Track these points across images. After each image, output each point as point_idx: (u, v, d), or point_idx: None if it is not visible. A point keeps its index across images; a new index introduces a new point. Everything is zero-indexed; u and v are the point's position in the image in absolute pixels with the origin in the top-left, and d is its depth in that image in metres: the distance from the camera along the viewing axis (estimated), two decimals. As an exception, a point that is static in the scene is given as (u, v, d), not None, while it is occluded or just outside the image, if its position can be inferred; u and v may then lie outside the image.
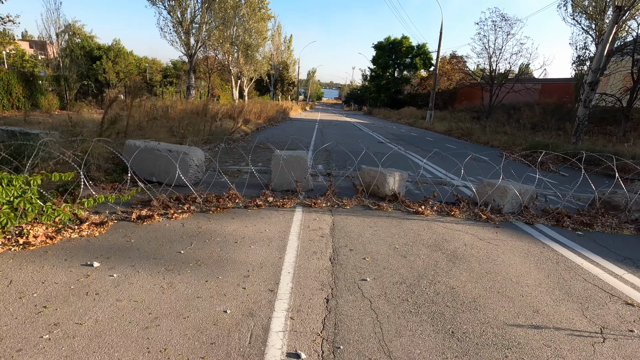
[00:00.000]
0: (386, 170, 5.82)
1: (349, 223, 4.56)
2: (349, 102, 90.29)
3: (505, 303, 2.91)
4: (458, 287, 3.10)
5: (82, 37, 47.47)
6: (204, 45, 23.48)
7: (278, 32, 56.83)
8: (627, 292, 3.29)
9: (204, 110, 13.68)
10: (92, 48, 43.48)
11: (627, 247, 4.51)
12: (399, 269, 3.37)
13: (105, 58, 41.69)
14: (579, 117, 15.13)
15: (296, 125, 22.29)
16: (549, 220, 5.30)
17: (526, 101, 30.02)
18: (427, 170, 9.02)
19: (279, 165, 5.69)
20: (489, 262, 3.70)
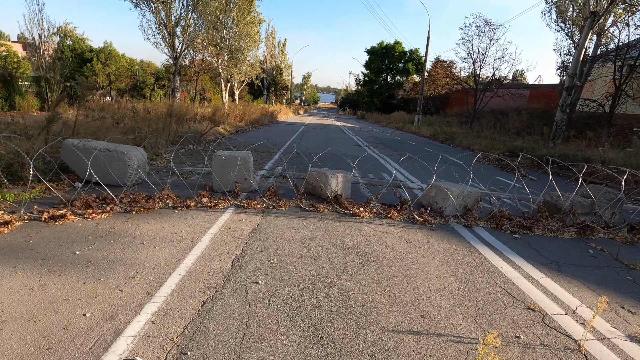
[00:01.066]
0: (329, 171, 5.72)
1: (275, 224, 4.44)
2: (344, 106, 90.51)
3: (396, 308, 2.80)
4: (353, 291, 2.98)
5: (73, 39, 47.43)
6: (188, 47, 23.42)
7: (272, 36, 57.04)
8: (534, 297, 3.19)
9: (179, 112, 13.57)
10: (84, 50, 43.43)
11: (559, 251, 4.42)
12: (300, 271, 3.26)
13: (96, 60, 41.60)
14: (557, 122, 15.14)
15: (280, 128, 22.22)
16: (489, 223, 5.21)
17: (515, 106, 30.12)
18: (390, 172, 8.92)
19: (220, 165, 5.58)
20: (402, 265, 3.59)
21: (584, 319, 2.89)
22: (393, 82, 54.94)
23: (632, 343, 2.62)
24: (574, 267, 3.97)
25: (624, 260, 4.23)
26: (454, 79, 27.31)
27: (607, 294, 3.38)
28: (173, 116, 11.53)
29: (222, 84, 31.75)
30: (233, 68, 30.77)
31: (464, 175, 9.17)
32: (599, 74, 23.11)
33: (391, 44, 53.65)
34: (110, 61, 43.03)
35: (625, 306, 3.18)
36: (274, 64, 57.50)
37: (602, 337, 2.67)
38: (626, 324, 2.88)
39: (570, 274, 3.76)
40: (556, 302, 3.12)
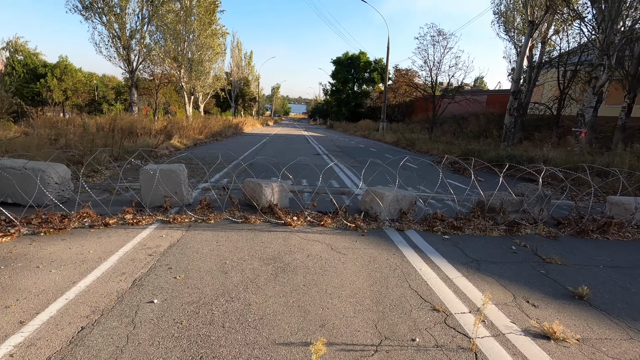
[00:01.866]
0: (263, 181, 5.62)
1: (197, 239, 4.27)
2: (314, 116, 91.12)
3: (296, 319, 2.70)
4: (255, 304, 2.87)
5: (25, 53, 45.16)
6: (145, 60, 22.82)
7: (238, 48, 56.81)
8: (444, 297, 3.19)
9: (129, 126, 13.09)
10: (37, 65, 41.44)
11: (483, 249, 4.51)
12: (205, 287, 3.11)
13: (51, 75, 39.78)
14: (506, 125, 15.85)
15: (243, 140, 21.95)
16: (422, 225, 5.27)
17: (474, 112, 31.37)
18: (341, 180, 8.94)
19: (148, 180, 5.34)
20: (318, 273, 3.52)
21: (487, 317, 2.92)
22: (360, 91, 55.98)
23: (526, 337, 2.66)
24: (493, 264, 4.05)
25: (542, 255, 4.37)
26: (413, 86, 28.15)
27: (517, 289, 3.45)
28: (122, 131, 11.07)
29: (185, 96, 31.16)
30: (195, 80, 30.30)
31: (413, 179, 9.35)
32: (545, 79, 24.56)
33: (356, 55, 54.80)
34: (66, 76, 41.29)
35: (530, 300, 3.25)
36: (241, 75, 57.20)
37: (497, 334, 2.69)
38: (526, 318, 2.93)
39: (487, 272, 3.82)
40: (464, 301, 3.14)
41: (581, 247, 4.81)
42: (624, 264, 4.29)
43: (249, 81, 59.59)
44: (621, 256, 4.54)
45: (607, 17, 10.57)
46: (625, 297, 3.40)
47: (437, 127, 29.53)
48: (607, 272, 4.00)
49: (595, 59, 11.88)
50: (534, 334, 2.70)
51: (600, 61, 11.21)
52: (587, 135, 12.26)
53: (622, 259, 4.43)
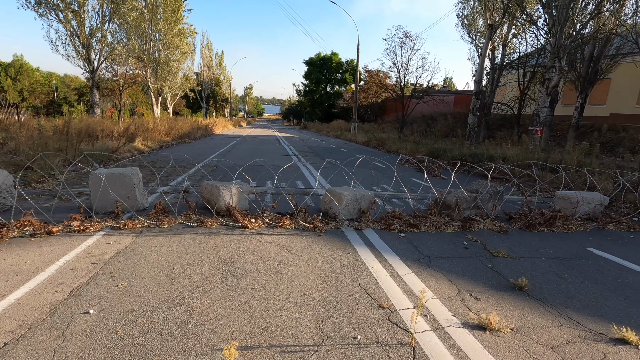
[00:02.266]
0: (221, 183, 5.53)
1: (148, 244, 4.13)
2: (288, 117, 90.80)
3: (239, 323, 2.67)
4: (199, 310, 2.81)
5: (-25, 52, 42.32)
6: (107, 60, 21.90)
7: (209, 48, 55.68)
8: (391, 294, 3.26)
9: (88, 129, 12.52)
10: (-11, 65, 38.96)
11: (436, 245, 4.64)
12: (148, 294, 3.01)
13: (4, 75, 37.51)
14: (469, 124, 16.42)
15: (213, 141, 21.52)
16: (380, 224, 5.35)
17: (443, 112, 32.29)
18: (307, 181, 8.95)
19: (98, 185, 5.12)
20: (268, 275, 3.49)
21: (430, 311, 3.00)
22: (333, 92, 56.32)
23: (464, 329, 2.76)
24: (443, 259, 4.18)
25: (491, 249, 4.55)
26: (382, 87, 28.63)
27: (463, 283, 3.57)
28: (79, 134, 10.56)
29: (153, 97, 30.20)
30: (163, 81, 29.43)
31: (379, 178, 9.51)
32: (506, 80, 25.68)
33: (328, 55, 55.07)
34: (22, 76, 39.08)
35: (473, 293, 3.37)
36: (212, 76, 56.09)
37: (437, 327, 2.77)
38: (466, 310, 3.03)
39: (436, 267, 3.93)
40: (410, 298, 3.22)
41: (528, 240, 5.05)
42: (565, 254, 4.54)
43: (220, 82, 58.50)
44: (563, 247, 4.81)
45: (557, 22, 11.18)
46: (561, 287, 3.60)
47: (407, 127, 30.17)
48: (548, 263, 4.22)
49: (547, 61, 12.54)
50: (472, 326, 2.80)
51: (552, 63, 11.85)
52: (542, 134, 12.91)
53: (564, 250, 4.69)
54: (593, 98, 22.40)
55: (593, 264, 4.25)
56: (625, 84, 20.27)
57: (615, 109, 21.33)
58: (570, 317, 3.02)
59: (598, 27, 15.11)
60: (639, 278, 3.91)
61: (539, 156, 10.39)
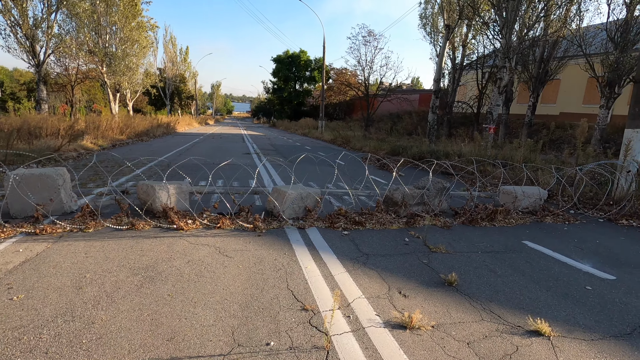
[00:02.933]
0: (157, 183, 5.22)
1: (63, 251, 3.79)
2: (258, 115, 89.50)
3: (143, 335, 2.46)
4: (100, 322, 2.57)
5: None
6: (54, 53, 20.47)
7: (172, 43, 53.70)
8: (318, 295, 3.15)
9: (28, 126, 11.60)
10: None
11: (377, 243, 4.60)
12: (45, 307, 2.72)
13: (-60, 68, 34.24)
14: (430, 122, 16.78)
15: (173, 140, 20.71)
16: (325, 222, 5.26)
17: (408, 110, 32.91)
18: (261, 179, 8.73)
19: (18, 187, 4.67)
20: (191, 280, 3.29)
21: (354, 311, 2.92)
22: (302, 89, 56.05)
23: (385, 329, 2.69)
24: (382, 257, 4.14)
25: (430, 245, 4.57)
26: (347, 85, 28.78)
27: (395, 281, 3.53)
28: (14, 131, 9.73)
29: (110, 94, 28.70)
30: (120, 76, 28.00)
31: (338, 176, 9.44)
32: (466, 79, 26.57)
33: (297, 53, 54.71)
34: (-38, 69, 35.80)
35: (403, 290, 3.34)
36: (176, 72, 54.17)
37: (358, 328, 2.69)
38: (392, 309, 2.98)
39: (372, 265, 3.88)
40: (337, 298, 3.12)
41: (468, 235, 5.14)
42: (500, 248, 4.65)
43: (185, 78, 56.62)
44: (500, 241, 4.93)
45: (507, 23, 11.61)
46: (490, 280, 3.65)
47: (374, 125, 30.53)
48: (482, 257, 4.29)
49: (499, 61, 13.01)
50: (393, 325, 2.74)
51: (503, 63, 12.30)
52: (495, 131, 13.39)
53: (500, 244, 4.81)
54: (545, 97, 23.65)
55: (524, 257, 4.37)
56: (572, 85, 21.52)
57: (564, 108, 22.61)
58: (493, 310, 3.05)
59: (546, 30, 15.92)
60: (563, 269, 4.05)
61: (490, 153, 10.75)
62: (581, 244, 4.97)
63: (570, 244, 4.95)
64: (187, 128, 35.09)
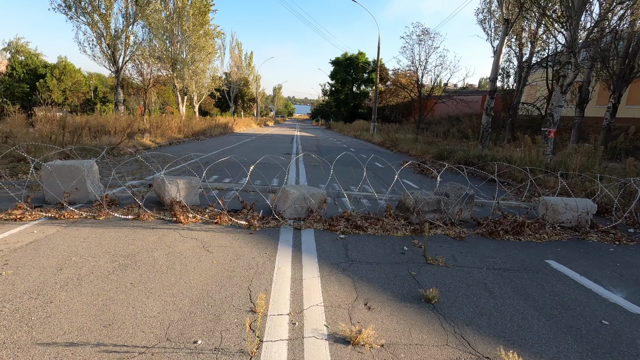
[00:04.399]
0: (167, 178, 5.50)
1: (69, 235, 4.16)
2: (316, 117, 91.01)
3: (85, 319, 2.57)
4: (57, 302, 2.74)
5: (25, 54, 45.98)
6: (130, 60, 22.94)
7: (238, 49, 57.03)
8: (275, 299, 3.03)
9: (94, 124, 13.13)
10: (37, 66, 42.00)
11: (371, 249, 4.32)
12: (20, 284, 2.99)
13: (50, 76, 40.31)
14: (483, 125, 15.49)
15: (226, 140, 21.91)
16: (324, 224, 5.09)
17: (469, 112, 30.92)
18: (287, 178, 8.80)
19: (48, 176, 5.27)
20: (161, 272, 3.38)
21: (304, 318, 2.75)
22: (359, 92, 55.71)
23: (325, 341, 2.49)
24: (367, 265, 3.87)
25: (429, 256, 4.16)
26: (400, 86, 27.83)
27: (368, 291, 3.27)
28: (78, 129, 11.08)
29: (179, 96, 31.40)
30: (189, 80, 30.51)
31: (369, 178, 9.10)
32: (534, 78, 24.11)
33: (355, 55, 54.53)
34: (65, 76, 41.74)
35: (370, 302, 3.07)
36: (241, 76, 57.40)
37: (296, 337, 2.52)
38: (345, 321, 2.75)
39: (351, 273, 3.64)
40: (293, 303, 2.97)
41: (481, 248, 4.59)
42: (513, 266, 4.07)
43: (248, 81, 59.78)
44: (517, 258, 4.32)
45: (571, 12, 10.24)
46: (480, 301, 3.19)
47: (430, 128, 29.21)
48: (485, 274, 3.79)
49: (563, 57, 11.54)
50: (337, 338, 2.52)
51: (568, 59, 10.87)
52: (555, 135, 11.89)
53: (516, 261, 4.21)
54: (631, 98, 20.48)
55: (539, 278, 3.76)
56: (668, 83, 18.32)
57: (656, 110, 19.38)
58: (464, 335, 2.65)
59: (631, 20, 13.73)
60: (582, 297, 3.40)
61: (542, 159, 9.54)
62: (623, 269, 4.14)
63: (608, 268, 4.15)
64: (244, 129, 36.90)
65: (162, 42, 27.38)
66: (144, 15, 22.71)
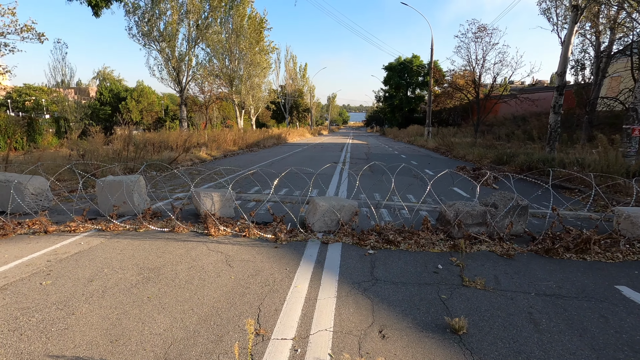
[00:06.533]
0: (202, 191, 5.69)
1: (109, 247, 4.46)
2: (371, 123, 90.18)
3: (96, 332, 2.66)
4: (77, 315, 2.89)
5: (110, 81, 52.34)
6: (192, 80, 24.83)
7: (293, 61, 58.94)
8: (284, 320, 2.88)
9: (155, 140, 14.33)
10: (120, 90, 47.59)
11: (401, 267, 3.97)
12: (54, 294, 3.22)
13: (130, 98, 45.32)
14: (551, 125, 13.91)
15: (278, 150, 22.53)
16: (354, 238, 4.84)
17: (537, 111, 28.20)
18: (327, 189, 8.67)
19: (102, 191, 5.77)
20: (180, 286, 3.43)
21: (309, 345, 2.56)
22: (414, 96, 54.04)
23: (325, 374, 2.27)
24: (392, 285, 3.55)
25: (466, 277, 3.71)
26: (455, 88, 26.27)
27: (387, 315, 2.97)
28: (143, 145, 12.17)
29: (237, 110, 33.25)
30: (245, 95, 32.22)
31: (414, 187, 8.61)
32: (615, 69, 21.19)
33: (409, 59, 53.10)
34: (142, 97, 46.60)
35: (385, 329, 2.77)
36: (295, 88, 59.11)
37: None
38: (353, 351, 2.50)
39: (373, 293, 3.36)
40: (301, 326, 2.80)
41: (533, 269, 3.98)
42: (571, 292, 3.44)
43: (303, 93, 61.35)
44: (578, 282, 3.66)
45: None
46: (520, 335, 2.71)
47: (493, 130, 27.16)
48: (533, 301, 3.25)
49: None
50: (338, 371, 2.29)
51: (655, 43, 9.28)
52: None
53: (575, 286, 3.56)
54: None
55: (604, 308, 3.12)
56: None
57: None
58: (492, 379, 2.24)
59: None
60: (661, 337, 2.72)
61: (622, 162, 8.17)
62: None
63: None
64: (297, 139, 37.71)
65: (222, 61, 29.33)
66: (204, 38, 24.53)
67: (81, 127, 25.61)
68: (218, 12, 25.08)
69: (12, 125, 18.37)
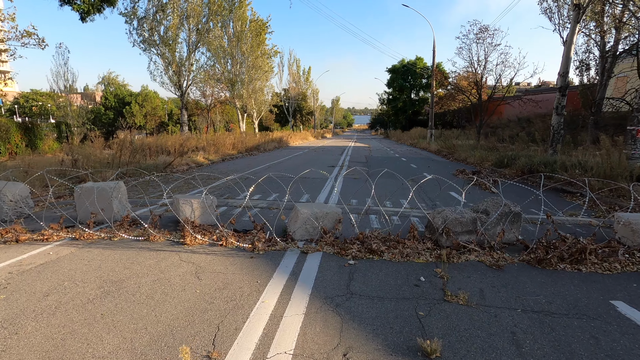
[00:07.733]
0: (182, 197, 5.49)
1: (77, 257, 4.27)
2: (375, 126, 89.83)
3: (35, 355, 2.46)
4: (21, 334, 2.69)
5: (115, 85, 52.78)
6: (193, 84, 24.84)
7: (297, 65, 58.92)
8: (241, 341, 2.65)
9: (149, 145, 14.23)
10: (124, 95, 47.93)
11: (380, 279, 3.73)
12: (6, 310, 3.03)
13: (134, 102, 45.60)
14: (553, 126, 13.57)
15: (278, 154, 22.38)
16: (335, 247, 4.60)
17: (541, 113, 27.72)
18: (321, 195, 8.44)
19: (80, 197, 5.61)
20: (138, 302, 3.21)
21: (262, 371, 2.33)
22: (417, 98, 53.68)
23: (273, 407, 2.03)
24: (368, 299, 3.31)
25: (449, 291, 3.45)
26: (458, 90, 25.92)
27: (356, 335, 2.73)
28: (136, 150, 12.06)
29: (239, 114, 33.20)
30: (247, 99, 32.16)
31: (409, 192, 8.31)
32: (621, 69, 20.74)
33: (412, 61, 52.83)
34: (146, 102, 46.84)
35: (350, 352, 2.53)
36: (299, 91, 59.05)
37: (241, 398, 2.10)
38: (310, 378, 2.26)
39: (345, 310, 3.12)
40: (258, 349, 2.57)
41: (522, 281, 3.71)
42: (561, 308, 3.17)
43: (306, 96, 61.31)
44: (570, 296, 3.38)
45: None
46: (500, 359, 2.45)
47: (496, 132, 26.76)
48: (519, 319, 2.98)
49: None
50: (288, 404, 2.05)
51: (659, 41, 8.94)
52: (647, 134, 9.81)
53: (566, 301, 3.29)
54: None
55: (594, 328, 2.84)
56: None
57: None
58: (460, 414, 1.99)
59: None
60: (657, 362, 2.44)
61: (626, 164, 7.83)
62: None
63: None
64: (299, 142, 37.54)
65: (223, 65, 29.33)
66: (205, 42, 24.52)
67: (83, 132, 25.72)
68: (218, 15, 25.08)
69: (6, 131, 18.31)
